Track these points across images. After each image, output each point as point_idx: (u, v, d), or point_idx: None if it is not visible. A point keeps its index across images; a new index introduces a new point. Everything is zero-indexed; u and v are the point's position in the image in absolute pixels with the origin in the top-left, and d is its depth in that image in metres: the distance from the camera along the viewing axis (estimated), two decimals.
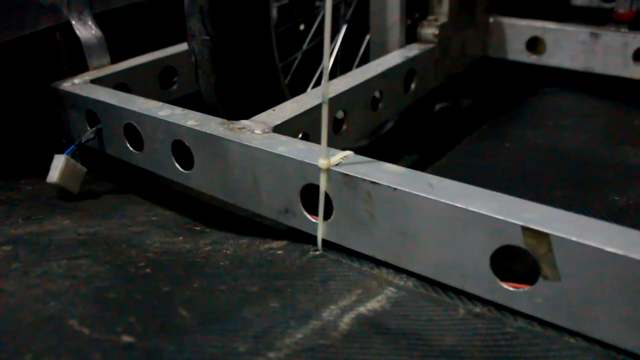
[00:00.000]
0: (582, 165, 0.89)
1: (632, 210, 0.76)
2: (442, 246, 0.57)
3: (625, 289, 0.48)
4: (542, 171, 0.87)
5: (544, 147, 0.95)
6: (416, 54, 0.98)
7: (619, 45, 1.12)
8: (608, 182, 0.83)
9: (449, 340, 0.52)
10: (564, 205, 0.74)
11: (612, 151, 0.94)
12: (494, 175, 0.87)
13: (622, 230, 0.51)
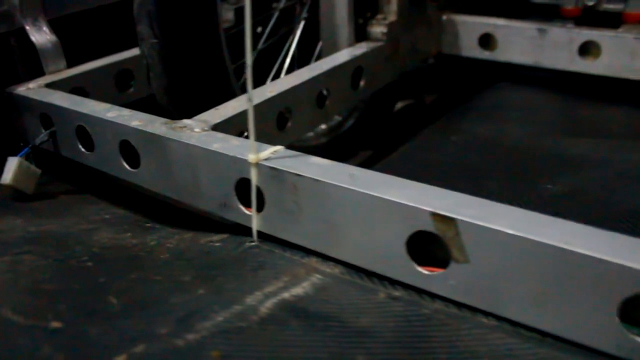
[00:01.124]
0: (521, 157, 0.92)
1: (562, 197, 0.80)
2: (363, 234, 0.60)
3: (527, 269, 0.52)
4: (482, 163, 0.90)
5: (488, 139, 0.99)
6: (364, 52, 1.01)
7: (565, 41, 1.16)
8: (544, 171, 0.86)
9: (364, 322, 0.55)
10: (498, 195, 0.78)
11: (553, 142, 0.97)
12: (436, 167, 0.90)
13: (525, 213, 0.54)
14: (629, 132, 1.03)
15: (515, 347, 0.53)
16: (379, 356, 0.51)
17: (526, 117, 1.09)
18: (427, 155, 0.96)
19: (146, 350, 0.49)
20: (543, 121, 1.07)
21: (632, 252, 0.49)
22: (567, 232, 0.51)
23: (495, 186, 0.82)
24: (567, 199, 0.79)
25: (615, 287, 0.49)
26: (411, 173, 0.79)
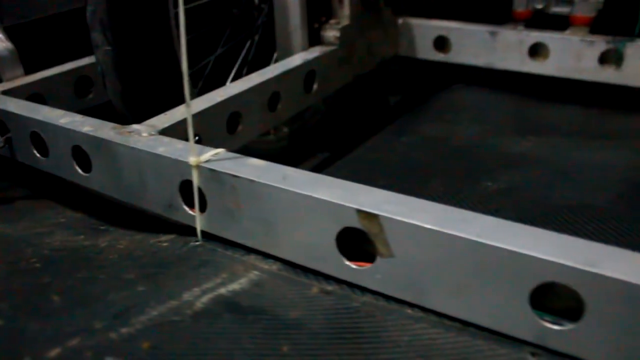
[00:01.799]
0: (466, 156, 0.95)
1: (500, 195, 0.83)
2: (297, 231, 0.63)
3: (446, 262, 0.55)
4: (427, 162, 0.93)
5: (437, 139, 1.02)
6: (317, 56, 1.04)
7: (515, 42, 1.19)
8: (486, 170, 0.90)
9: (294, 315, 0.57)
10: (439, 192, 0.81)
11: (499, 142, 1.01)
12: (384, 167, 0.93)
13: (445, 209, 0.57)
14: (574, 131, 1.06)
15: (437, 337, 0.55)
16: (304, 346, 0.53)
17: (476, 118, 1.13)
18: (377, 156, 0.98)
19: (80, 343, 0.52)
20: (492, 121, 1.11)
21: (540, 243, 0.52)
22: (483, 226, 0.54)
23: (438, 184, 0.85)
24: (506, 196, 0.82)
25: (525, 276, 0.52)
26: (360, 173, 0.83)
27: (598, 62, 1.15)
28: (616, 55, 1.13)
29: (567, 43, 1.16)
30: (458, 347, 0.54)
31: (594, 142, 1.01)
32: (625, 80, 1.14)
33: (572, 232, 0.73)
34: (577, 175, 0.88)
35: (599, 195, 0.82)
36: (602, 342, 0.51)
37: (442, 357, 0.53)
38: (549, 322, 0.53)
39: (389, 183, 0.80)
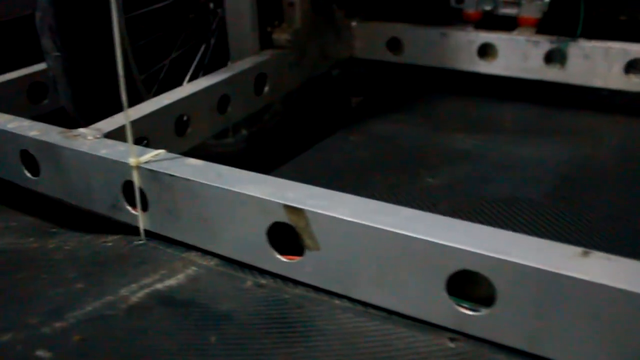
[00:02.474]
0: (410, 153, 0.98)
1: (439, 189, 0.86)
2: (231, 227, 0.65)
3: (369, 253, 0.57)
4: (372, 160, 0.96)
5: (384, 138, 1.05)
6: (267, 59, 1.06)
7: (465, 43, 1.22)
8: (428, 166, 0.92)
9: (225, 307, 0.60)
10: (380, 189, 0.83)
11: (444, 139, 1.04)
12: (328, 166, 0.95)
13: (368, 202, 0.60)
14: (517, 128, 1.09)
15: (361, 325, 0.58)
16: (231, 337, 0.55)
17: (425, 117, 1.16)
18: (324, 155, 1.01)
19: (13, 338, 0.54)
20: (439, 120, 1.14)
21: (454, 233, 0.54)
22: (400, 217, 0.57)
23: (379, 181, 0.88)
24: (445, 191, 0.84)
25: (440, 265, 0.54)
26: (307, 172, 0.85)
27: (544, 61, 1.18)
28: (560, 55, 1.16)
29: (514, 43, 1.19)
30: (381, 334, 0.56)
31: (535, 138, 1.04)
32: (569, 78, 1.18)
33: (503, 223, 0.76)
34: (515, 170, 0.91)
35: (533, 189, 0.85)
36: (514, 326, 0.53)
37: (365, 344, 0.55)
38: (466, 309, 0.55)
39: (331, 181, 0.82)
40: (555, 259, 0.51)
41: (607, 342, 0.49)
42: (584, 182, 0.86)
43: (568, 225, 0.76)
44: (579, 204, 0.80)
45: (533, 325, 0.52)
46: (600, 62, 1.14)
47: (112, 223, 0.79)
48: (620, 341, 0.48)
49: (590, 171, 0.90)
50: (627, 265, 0.50)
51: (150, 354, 0.53)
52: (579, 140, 1.03)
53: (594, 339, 0.50)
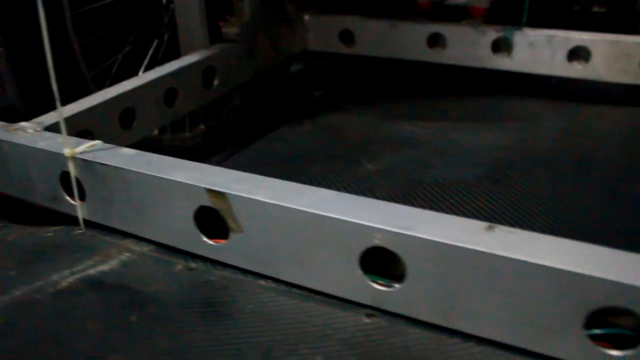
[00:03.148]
0: (353, 142, 1.00)
1: (377, 175, 0.88)
2: (162, 213, 0.67)
3: (286, 233, 0.59)
4: (315, 149, 0.98)
5: (330, 128, 1.07)
6: (215, 53, 1.08)
7: (415, 34, 1.25)
8: (369, 153, 0.95)
9: (151, 289, 0.61)
10: (319, 175, 0.85)
11: (388, 127, 1.06)
12: (273, 156, 0.98)
13: (287, 184, 0.62)
14: (461, 115, 1.12)
15: (282, 304, 0.60)
16: (152, 316, 0.57)
17: (373, 106, 1.18)
18: (271, 146, 1.03)
19: None
20: (387, 109, 1.16)
21: (365, 211, 0.56)
22: (316, 198, 0.59)
23: (319, 169, 0.90)
24: (382, 176, 0.87)
25: (353, 243, 0.56)
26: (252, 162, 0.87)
27: (491, 50, 1.21)
28: (506, 43, 1.19)
29: (462, 33, 1.22)
30: (300, 312, 0.58)
31: (478, 125, 1.06)
32: (515, 66, 1.20)
33: (436, 206, 0.78)
34: (454, 156, 0.94)
35: (469, 173, 0.87)
36: (425, 300, 0.55)
37: (283, 321, 0.57)
38: (381, 285, 0.57)
39: (273, 170, 0.84)
40: (460, 233, 0.53)
41: (512, 313, 0.51)
42: (519, 166, 0.88)
43: (498, 207, 0.79)
44: (511, 186, 0.83)
45: (443, 298, 0.55)
46: (544, 50, 1.17)
47: (56, 214, 0.80)
48: (526, 312, 0.50)
49: (527, 155, 0.92)
50: (529, 238, 0.52)
51: (71, 333, 0.55)
52: (520, 126, 1.05)
53: (501, 310, 0.52)
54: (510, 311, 0.52)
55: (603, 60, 1.14)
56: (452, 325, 0.56)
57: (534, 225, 0.74)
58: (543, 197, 0.80)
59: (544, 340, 0.52)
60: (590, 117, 1.11)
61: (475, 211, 0.77)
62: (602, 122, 1.08)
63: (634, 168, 0.90)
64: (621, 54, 1.13)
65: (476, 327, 0.54)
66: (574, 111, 1.13)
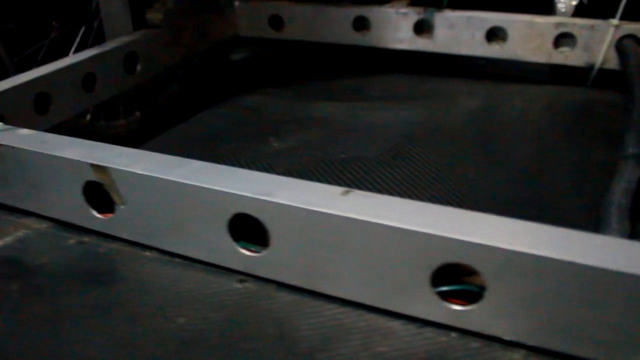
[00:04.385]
0: (265, 121, 1.03)
1: (281, 152, 0.90)
2: (54, 190, 0.69)
3: (165, 204, 0.62)
4: (227, 130, 1.01)
5: (247, 109, 1.10)
6: (137, 39, 1.10)
7: (341, 17, 1.28)
8: (278, 132, 0.97)
9: (39, 262, 0.64)
10: (224, 154, 0.88)
11: (303, 107, 1.09)
12: (188, 138, 1.00)
13: (167, 158, 0.65)
14: (376, 95, 1.15)
15: (160, 272, 0.63)
16: (33, 284, 0.60)
17: (293, 88, 1.21)
18: (189, 128, 1.05)
19: None
20: (306, 90, 1.19)
21: (231, 180, 0.59)
22: (191, 169, 0.62)
23: (227, 147, 0.93)
24: (286, 154, 0.89)
25: (220, 210, 0.59)
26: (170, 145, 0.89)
27: (413, 32, 1.24)
28: (427, 25, 1.22)
29: (385, 15, 1.25)
30: (177, 279, 0.61)
31: (393, 103, 1.10)
32: (437, 47, 1.24)
33: (333, 180, 0.81)
34: (362, 133, 0.97)
35: (372, 148, 0.90)
36: (290, 264, 0.58)
37: (158, 287, 0.60)
38: (250, 251, 0.60)
39: (184, 151, 0.87)
40: (317, 198, 0.56)
41: (367, 273, 0.54)
42: (423, 141, 0.91)
43: (393, 179, 0.82)
44: (410, 160, 0.86)
45: (305, 262, 0.58)
46: (463, 31, 1.20)
47: None
48: (379, 272, 0.54)
49: (433, 131, 0.95)
50: (381, 201, 0.55)
51: None
52: (435, 104, 1.08)
53: (357, 271, 0.55)
54: (365, 272, 0.55)
55: (519, 40, 1.18)
56: (315, 288, 0.59)
57: (421, 196, 0.77)
58: (439, 170, 0.83)
59: (398, 299, 0.55)
60: (507, 95, 1.14)
61: (368, 183, 0.80)
62: (517, 100, 1.12)
63: (536, 144, 0.93)
64: (535, 34, 1.16)
65: (337, 289, 0.57)
66: (492, 90, 1.17)
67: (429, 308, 0.54)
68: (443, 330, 0.54)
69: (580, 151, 0.90)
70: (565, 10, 1.23)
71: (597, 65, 1.15)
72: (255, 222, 0.58)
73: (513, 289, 0.49)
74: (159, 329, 0.55)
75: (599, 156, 0.88)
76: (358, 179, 0.81)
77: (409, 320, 0.55)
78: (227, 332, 0.54)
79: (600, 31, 1.13)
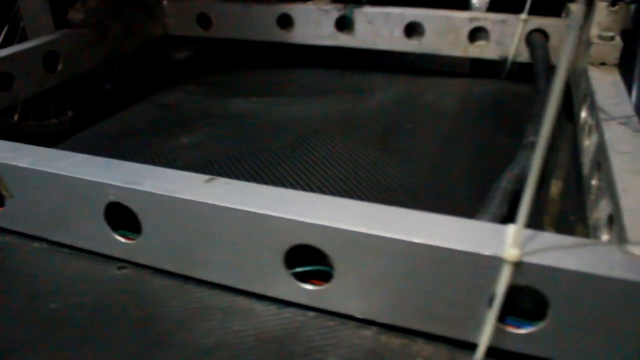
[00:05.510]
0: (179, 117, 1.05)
1: (188, 147, 0.92)
2: None
3: (46, 196, 0.64)
4: (143, 126, 1.03)
5: (165, 106, 1.11)
6: (57, 38, 1.12)
7: (266, 15, 1.30)
8: (190, 128, 0.99)
9: None
10: (132, 149, 0.90)
11: (220, 104, 1.11)
12: (102, 136, 1.02)
13: (48, 151, 0.67)
14: (299, 91, 1.17)
15: (43, 262, 0.65)
16: None
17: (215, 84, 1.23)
18: (104, 126, 1.07)
19: None
20: (227, 86, 1.21)
21: (106, 170, 0.62)
22: (71, 162, 0.64)
23: (136, 142, 0.95)
24: (193, 148, 0.91)
25: (97, 199, 0.62)
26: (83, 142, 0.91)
27: (335, 28, 1.27)
28: (348, 21, 1.25)
29: (307, 12, 1.27)
30: (61, 268, 0.64)
31: (309, 98, 1.12)
32: (358, 43, 1.27)
33: (231, 173, 0.84)
34: (269, 127, 0.99)
35: (276, 141, 0.93)
36: (161, 250, 0.61)
37: (41, 275, 0.63)
38: (127, 239, 0.63)
39: (93, 148, 0.89)
40: (180, 186, 0.58)
41: (232, 257, 0.57)
42: (328, 133, 0.94)
43: (288, 170, 0.84)
44: (310, 152, 0.88)
45: (175, 247, 0.60)
46: (382, 26, 1.23)
47: None
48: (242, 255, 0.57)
49: (341, 123, 0.98)
50: (241, 187, 0.58)
51: None
52: (350, 98, 1.11)
53: (222, 255, 0.58)
54: (228, 256, 0.58)
55: (436, 35, 1.21)
56: (186, 272, 0.61)
57: (313, 185, 0.80)
58: (336, 160, 0.86)
59: (259, 281, 0.58)
60: (421, 88, 1.17)
61: (263, 174, 0.83)
62: (429, 93, 1.15)
63: (440, 134, 0.96)
64: (451, 28, 1.20)
65: (205, 273, 0.60)
66: (409, 83, 1.20)
67: (287, 289, 0.57)
68: (303, 310, 0.57)
69: (483, 141, 0.93)
70: (480, 6, 1.27)
71: (510, 58, 1.18)
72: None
73: (359, 269, 0.52)
74: (31, 314, 0.57)
75: (502, 145, 0.92)
76: (255, 170, 0.84)
77: (272, 302, 0.58)
78: (95, 315, 0.57)
79: (511, 25, 1.16)
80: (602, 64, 0.94)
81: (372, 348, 0.52)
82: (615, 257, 0.47)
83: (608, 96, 0.81)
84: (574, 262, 0.46)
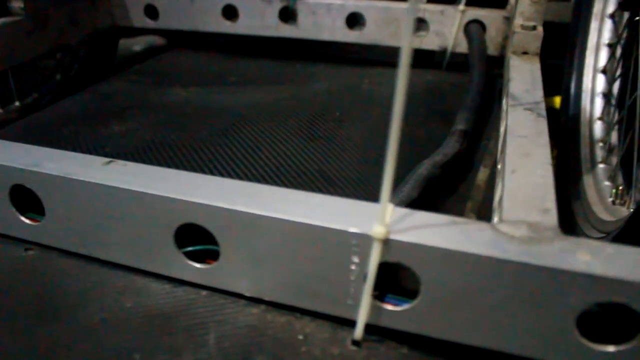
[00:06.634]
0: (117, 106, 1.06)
1: (119, 134, 0.94)
2: None
3: None
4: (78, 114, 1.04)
5: (104, 95, 1.13)
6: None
7: (210, 6, 1.31)
8: (123, 117, 1.00)
9: None
10: (66, 137, 0.91)
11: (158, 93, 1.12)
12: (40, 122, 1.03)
13: None
14: (237, 80, 1.19)
15: None
16: None
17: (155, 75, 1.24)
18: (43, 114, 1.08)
19: None
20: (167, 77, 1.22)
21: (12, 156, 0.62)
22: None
23: (70, 131, 0.96)
24: (121, 136, 0.93)
25: (3, 182, 0.63)
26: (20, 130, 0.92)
27: (279, 19, 1.28)
28: (290, 12, 1.26)
29: (251, 3, 1.29)
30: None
31: (246, 87, 1.14)
32: (301, 34, 1.28)
33: (155, 159, 0.85)
34: (202, 116, 1.00)
35: (206, 129, 0.94)
36: (66, 231, 0.62)
37: None
38: (32, 221, 0.64)
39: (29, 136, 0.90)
40: (79, 168, 0.60)
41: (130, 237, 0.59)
42: (256, 121, 0.96)
43: (215, 155, 0.86)
44: (235, 138, 0.90)
45: (77, 228, 0.61)
46: (324, 17, 1.25)
47: None
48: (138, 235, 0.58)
49: (270, 113, 0.99)
50: (135, 169, 0.59)
51: None
52: (286, 87, 1.13)
53: (122, 236, 0.59)
54: (126, 236, 0.59)
55: (376, 25, 1.23)
56: (90, 253, 0.63)
57: (234, 170, 0.81)
58: (260, 147, 0.87)
59: (154, 261, 0.59)
60: (359, 78, 1.19)
61: (188, 161, 0.84)
62: (365, 82, 1.16)
63: (370, 122, 0.98)
64: (391, 18, 1.21)
65: (106, 253, 0.62)
66: (348, 73, 1.21)
67: (179, 268, 0.58)
68: (196, 289, 0.58)
69: (414, 128, 0.95)
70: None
71: (449, 48, 1.20)
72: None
73: (242, 248, 0.54)
74: None
75: (432, 133, 0.93)
76: (179, 157, 0.85)
77: (169, 281, 0.59)
78: None
79: (450, 16, 1.18)
80: (524, 52, 0.96)
81: (256, 325, 0.54)
82: (485, 236, 0.49)
83: (522, 83, 0.83)
84: (441, 240, 0.48)
